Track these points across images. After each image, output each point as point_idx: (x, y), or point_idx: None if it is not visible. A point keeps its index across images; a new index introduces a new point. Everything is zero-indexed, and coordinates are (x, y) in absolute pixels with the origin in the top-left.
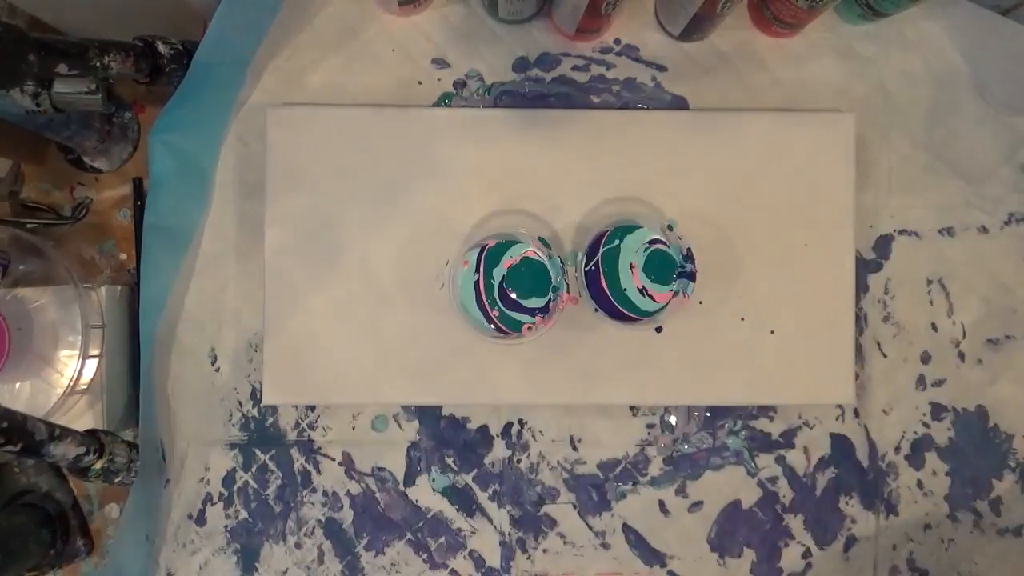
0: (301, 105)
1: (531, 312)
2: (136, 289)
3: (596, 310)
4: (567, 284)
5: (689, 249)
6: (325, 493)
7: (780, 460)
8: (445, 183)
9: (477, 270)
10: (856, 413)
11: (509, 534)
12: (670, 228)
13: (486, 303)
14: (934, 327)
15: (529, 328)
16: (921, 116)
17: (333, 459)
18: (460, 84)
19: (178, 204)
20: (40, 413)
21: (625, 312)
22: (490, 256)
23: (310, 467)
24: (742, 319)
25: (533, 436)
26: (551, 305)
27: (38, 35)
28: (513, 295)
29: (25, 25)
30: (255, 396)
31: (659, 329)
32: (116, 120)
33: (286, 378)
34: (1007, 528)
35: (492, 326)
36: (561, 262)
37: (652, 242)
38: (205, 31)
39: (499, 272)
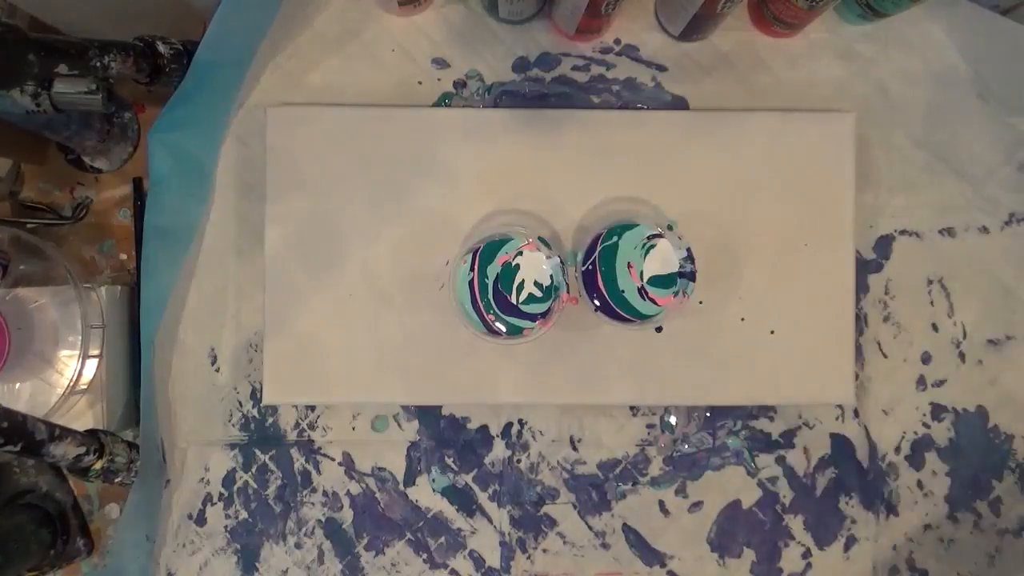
0: (301, 105)
1: (531, 316)
2: (136, 289)
3: (596, 310)
4: (567, 284)
5: (689, 249)
6: (325, 493)
7: (780, 460)
8: (445, 183)
9: (472, 269)
10: (856, 413)
11: (509, 534)
12: (670, 228)
13: (480, 305)
14: (934, 327)
15: (529, 329)
16: (921, 116)
17: (333, 459)
18: (460, 84)
19: (178, 204)
20: (40, 413)
21: (623, 314)
22: (483, 255)
23: (310, 467)
24: (742, 319)
25: (533, 436)
26: (551, 306)
27: (38, 35)
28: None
29: (25, 25)
30: (255, 396)
31: (659, 329)
32: (116, 120)
33: (286, 378)
34: (1007, 528)
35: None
36: (561, 262)
37: (651, 237)
38: (205, 31)
39: (493, 270)
